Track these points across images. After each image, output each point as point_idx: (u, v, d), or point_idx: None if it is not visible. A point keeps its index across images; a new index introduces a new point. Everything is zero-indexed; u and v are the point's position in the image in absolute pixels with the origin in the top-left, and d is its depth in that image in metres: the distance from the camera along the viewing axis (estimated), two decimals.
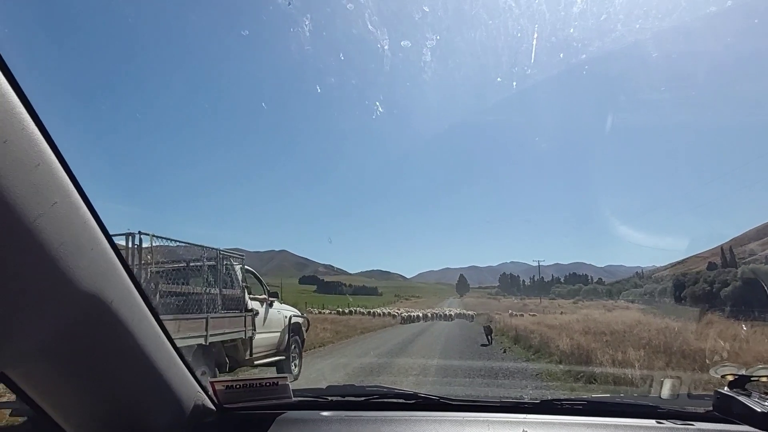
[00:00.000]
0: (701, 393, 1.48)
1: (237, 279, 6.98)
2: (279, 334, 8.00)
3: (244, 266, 7.33)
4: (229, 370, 6.71)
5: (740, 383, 1.31)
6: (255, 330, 7.05)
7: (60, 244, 0.75)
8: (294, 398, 1.37)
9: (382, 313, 36.37)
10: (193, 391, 1.23)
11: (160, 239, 5.33)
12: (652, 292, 76.42)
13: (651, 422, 1.29)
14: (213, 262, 6.45)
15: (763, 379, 1.30)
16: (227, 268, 6.80)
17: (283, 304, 8.95)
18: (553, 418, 1.34)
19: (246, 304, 7.00)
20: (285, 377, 1.36)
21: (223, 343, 6.29)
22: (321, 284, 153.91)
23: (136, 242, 4.95)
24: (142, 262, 5.03)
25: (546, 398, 1.44)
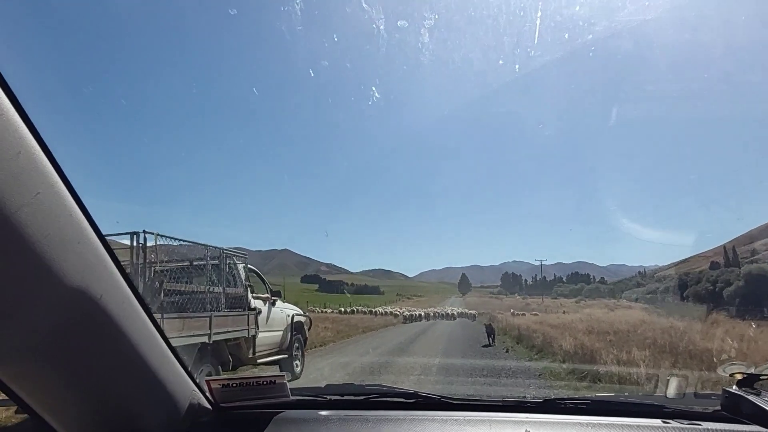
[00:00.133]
0: (708, 392, 1.46)
1: (240, 278, 7.01)
2: (281, 332, 8.02)
3: (247, 265, 7.37)
4: (232, 368, 6.74)
5: (749, 382, 1.28)
6: (258, 329, 7.07)
7: (44, 237, 0.71)
8: (292, 397, 1.35)
9: (384, 312, 36.35)
10: (189, 389, 1.20)
11: (165, 238, 5.36)
12: (655, 291, 76.16)
13: (657, 422, 1.26)
14: (216, 261, 6.48)
15: None
16: (230, 267, 6.83)
17: (286, 303, 8.97)
18: (556, 417, 1.32)
19: (249, 302, 7.04)
20: (283, 376, 1.33)
21: (226, 341, 6.31)
22: (323, 283, 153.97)
23: (141, 241, 4.99)
24: (147, 261, 5.06)
25: (549, 397, 1.41)
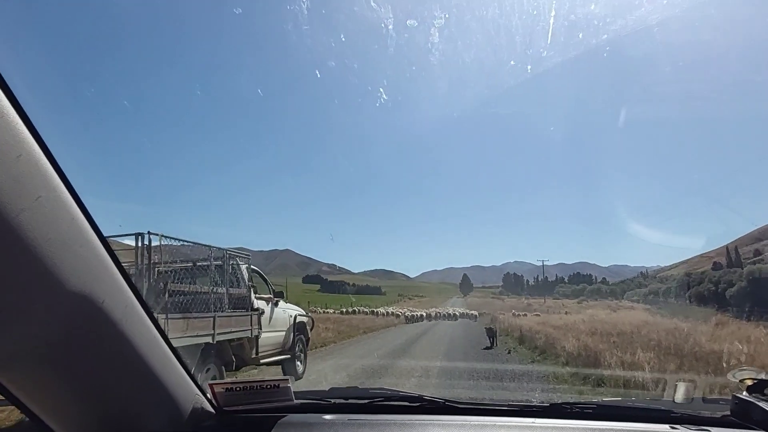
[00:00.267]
0: (717, 397, 1.44)
1: (243, 278, 7.05)
2: (284, 333, 8.04)
3: (250, 266, 7.41)
4: (235, 368, 6.77)
5: (759, 388, 1.25)
6: (261, 329, 7.10)
7: (45, 241, 0.70)
8: (296, 401, 1.34)
9: (386, 313, 36.38)
10: (192, 393, 1.19)
11: (169, 239, 5.40)
12: (657, 292, 76.05)
13: (664, 427, 1.25)
14: (220, 262, 6.52)
15: None
16: (234, 267, 6.87)
17: (289, 304, 9.01)
18: (562, 422, 1.31)
19: (252, 303, 7.06)
20: (287, 379, 1.33)
21: (229, 342, 6.33)
22: (324, 283, 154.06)
23: (146, 242, 5.02)
24: (152, 262, 5.10)
25: (555, 402, 1.40)
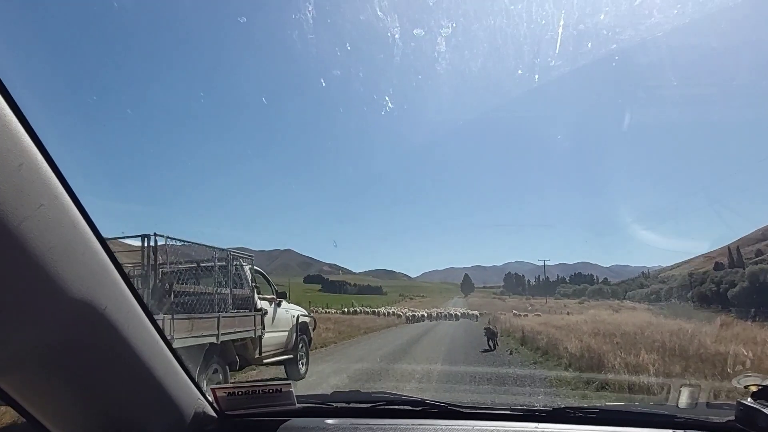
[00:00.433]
0: (721, 402, 1.43)
1: (246, 279, 7.10)
2: (287, 333, 8.09)
3: (254, 266, 7.46)
4: (239, 368, 6.84)
5: (764, 394, 1.24)
6: (264, 329, 7.15)
7: (48, 249, 0.71)
8: (298, 405, 1.34)
9: (387, 313, 36.42)
10: (194, 397, 1.20)
11: (174, 240, 5.46)
12: (659, 292, 75.91)
13: None
14: (224, 263, 6.57)
15: None
16: (237, 268, 6.92)
17: (291, 304, 9.06)
18: (565, 427, 1.31)
19: (255, 303, 7.12)
20: (289, 383, 1.34)
21: (233, 341, 6.39)
22: (326, 283, 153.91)
23: (152, 243, 5.09)
24: (158, 263, 5.16)
25: (558, 406, 1.40)
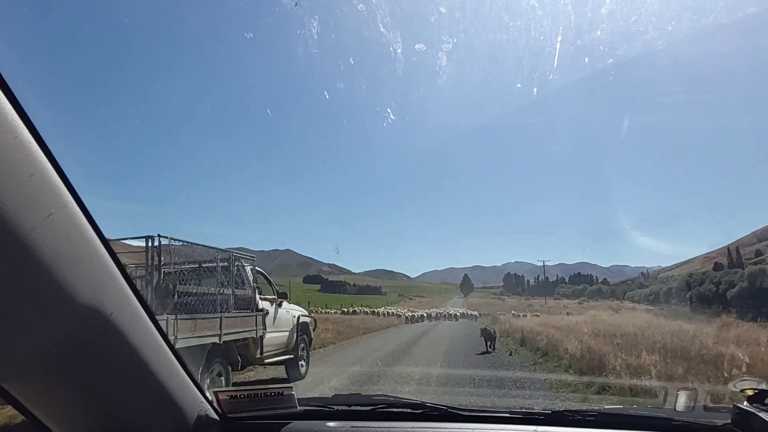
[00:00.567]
0: (718, 405, 1.44)
1: (248, 280, 7.13)
2: (288, 333, 8.12)
3: (255, 267, 7.51)
4: (240, 368, 6.88)
5: (760, 398, 1.24)
6: (265, 329, 7.18)
7: (57, 257, 0.73)
8: (299, 408, 1.36)
9: (386, 313, 36.48)
10: (196, 401, 1.21)
11: (177, 241, 5.51)
12: (658, 292, 75.99)
13: None
14: (226, 264, 6.61)
15: None
16: (239, 269, 6.95)
17: (292, 304, 9.10)
18: (564, 430, 1.33)
19: (257, 304, 7.16)
20: (290, 387, 1.35)
21: (235, 341, 6.42)
22: (325, 283, 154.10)
23: (156, 244, 5.14)
24: (161, 263, 5.21)
25: (557, 409, 1.41)
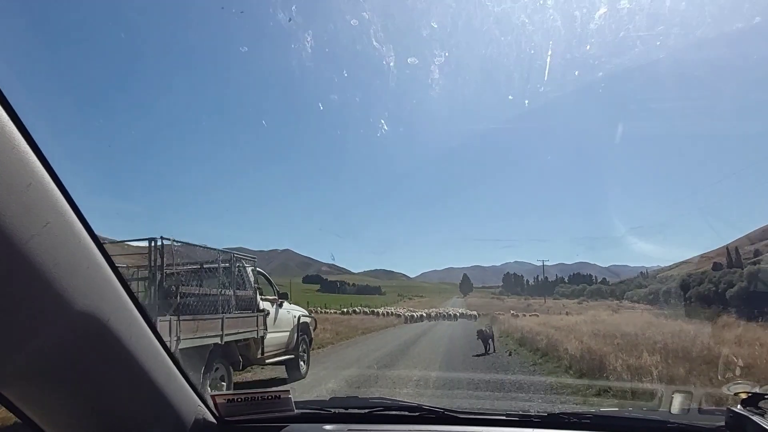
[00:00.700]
0: (713, 408, 1.46)
1: (249, 280, 7.18)
2: (288, 333, 8.16)
3: (256, 268, 7.55)
4: (242, 368, 6.92)
5: (753, 401, 1.26)
6: (266, 329, 7.23)
7: (54, 265, 0.74)
8: (296, 411, 1.36)
9: (386, 313, 36.43)
10: (194, 404, 1.22)
11: (180, 243, 5.55)
12: (657, 292, 75.99)
13: None
14: (227, 265, 6.65)
15: None
16: (240, 270, 7.00)
17: (292, 305, 9.14)
18: None
19: (258, 304, 7.20)
20: (287, 390, 1.36)
21: (237, 342, 6.46)
22: (324, 283, 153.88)
23: (159, 246, 5.18)
24: (164, 265, 5.24)
25: (553, 412, 1.43)
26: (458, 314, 40.05)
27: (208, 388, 5.35)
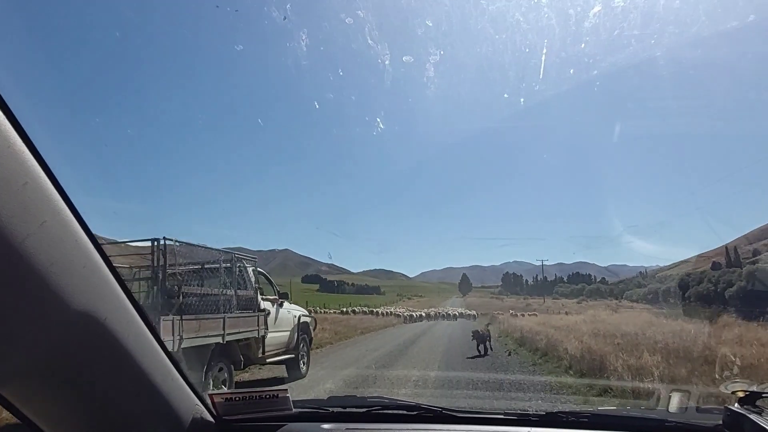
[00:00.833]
0: (710, 407, 1.46)
1: (250, 280, 7.21)
2: (289, 333, 8.19)
3: (257, 268, 7.58)
4: (243, 367, 6.95)
5: (751, 400, 1.27)
6: (267, 329, 7.26)
7: (50, 264, 0.73)
8: (294, 410, 1.36)
9: (385, 313, 36.38)
10: (192, 403, 1.22)
11: (182, 244, 5.58)
12: (656, 291, 76.12)
13: None
14: (228, 265, 6.68)
15: None
16: (241, 270, 7.03)
17: (293, 305, 9.17)
18: (558, 431, 1.35)
19: (259, 304, 7.23)
20: (285, 389, 1.36)
21: (238, 341, 6.50)
22: (324, 283, 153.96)
23: (162, 247, 5.21)
24: (167, 265, 5.28)
25: (551, 411, 1.43)
26: (457, 314, 40.04)
27: (210, 387, 5.38)
